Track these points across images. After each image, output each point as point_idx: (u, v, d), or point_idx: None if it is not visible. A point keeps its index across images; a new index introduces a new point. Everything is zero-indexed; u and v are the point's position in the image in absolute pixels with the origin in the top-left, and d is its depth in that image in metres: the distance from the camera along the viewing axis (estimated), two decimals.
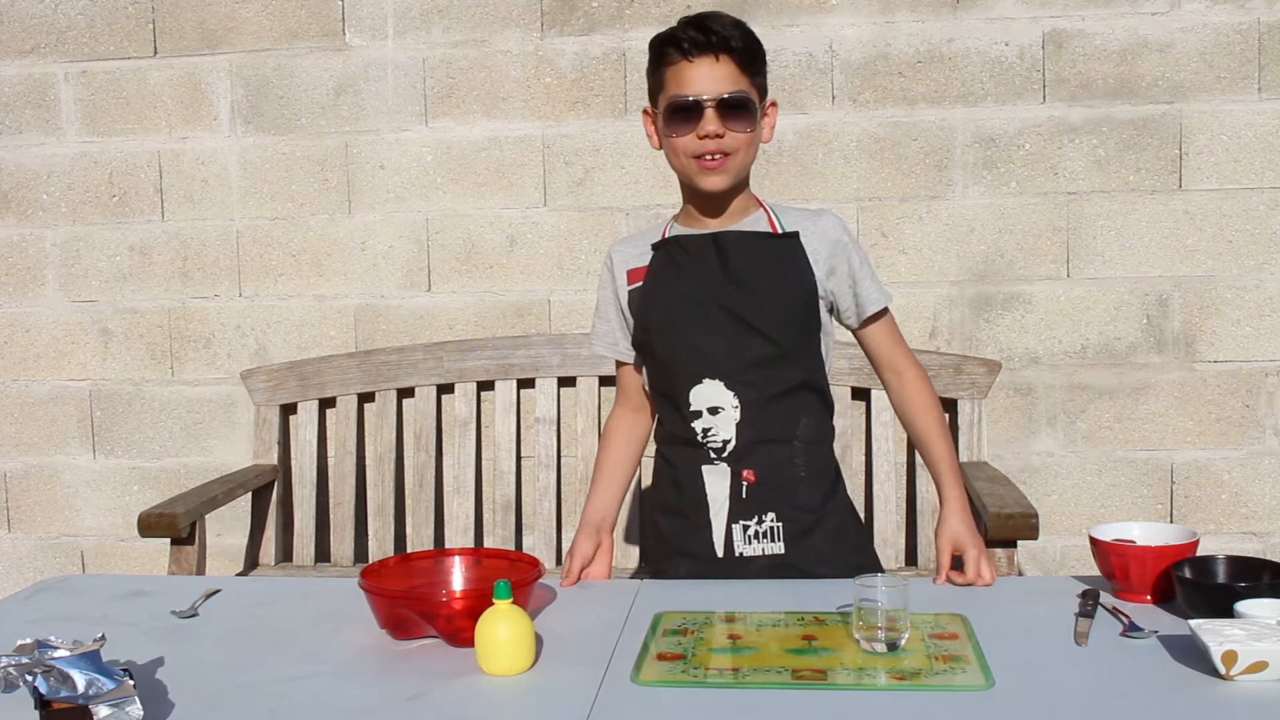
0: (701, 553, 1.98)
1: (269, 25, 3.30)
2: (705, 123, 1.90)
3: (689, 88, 1.91)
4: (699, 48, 1.91)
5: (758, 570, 1.96)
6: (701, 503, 1.98)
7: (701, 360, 1.97)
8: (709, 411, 1.96)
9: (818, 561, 1.97)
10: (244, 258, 3.37)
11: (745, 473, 1.96)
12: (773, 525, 1.96)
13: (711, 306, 1.96)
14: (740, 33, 1.95)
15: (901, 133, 3.15)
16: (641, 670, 1.50)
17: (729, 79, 1.92)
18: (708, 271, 1.98)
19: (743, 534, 1.96)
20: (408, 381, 3.25)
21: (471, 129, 3.27)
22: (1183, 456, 3.14)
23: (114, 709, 1.29)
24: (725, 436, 1.96)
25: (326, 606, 1.83)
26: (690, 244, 2.01)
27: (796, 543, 1.97)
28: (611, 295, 2.10)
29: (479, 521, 3.28)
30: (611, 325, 2.11)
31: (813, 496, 1.99)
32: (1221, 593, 1.61)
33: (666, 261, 2.02)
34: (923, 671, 1.47)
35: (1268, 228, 3.09)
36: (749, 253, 1.98)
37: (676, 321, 1.99)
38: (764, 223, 2.02)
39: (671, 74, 1.94)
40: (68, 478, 3.49)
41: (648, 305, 2.02)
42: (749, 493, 1.96)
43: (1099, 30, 3.08)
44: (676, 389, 1.99)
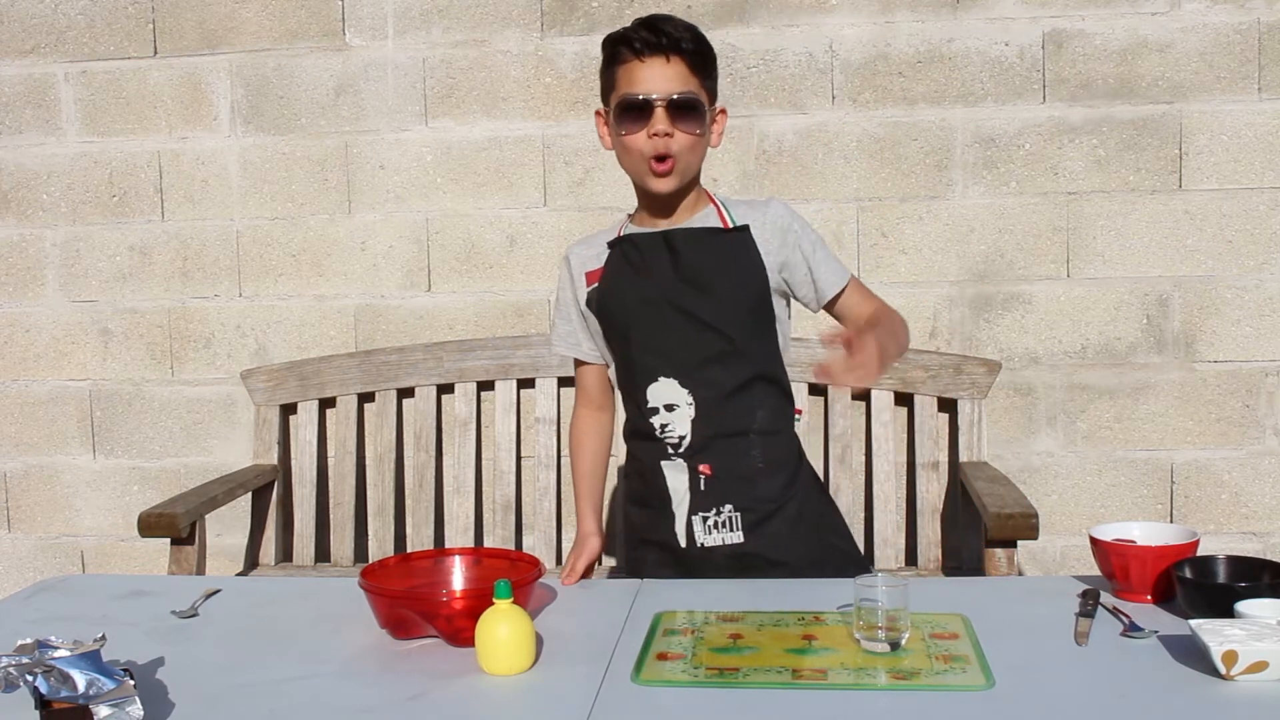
0: (667, 543, 2.03)
1: (269, 25, 3.30)
2: (655, 121, 1.93)
3: (640, 86, 1.94)
4: (650, 48, 1.94)
5: (720, 560, 1.99)
6: (664, 495, 2.02)
7: (656, 358, 2.00)
8: (665, 408, 2.00)
9: (778, 548, 2.00)
10: (244, 258, 3.37)
11: (701, 467, 1.99)
12: (730, 515, 1.99)
13: (665, 305, 1.99)
14: (692, 35, 1.97)
15: (901, 133, 3.15)
16: (641, 670, 1.50)
17: (679, 79, 1.94)
18: (661, 270, 2.00)
19: (702, 525, 2.00)
20: (408, 381, 3.25)
21: (471, 129, 3.27)
22: (1183, 456, 3.14)
23: (114, 709, 1.29)
24: (681, 433, 1.99)
25: (326, 606, 1.83)
26: (643, 243, 2.03)
27: (755, 531, 1.99)
28: (571, 296, 2.13)
29: (479, 521, 3.28)
30: (573, 326, 2.14)
31: (772, 486, 2.02)
32: (1222, 593, 1.61)
33: (621, 261, 2.05)
34: (923, 671, 1.47)
35: (1268, 228, 3.08)
36: (700, 249, 2.00)
37: (632, 321, 2.02)
38: (714, 218, 2.04)
39: (623, 73, 1.97)
40: (68, 478, 3.49)
41: (605, 305, 2.05)
42: (706, 485, 1.99)
43: (1099, 30, 3.08)
44: (634, 387, 2.03)
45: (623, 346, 2.05)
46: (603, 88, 2.04)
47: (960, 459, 3.07)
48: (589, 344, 2.14)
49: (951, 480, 3.14)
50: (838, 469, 3.09)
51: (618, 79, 1.98)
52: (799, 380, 3.03)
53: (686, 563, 2.00)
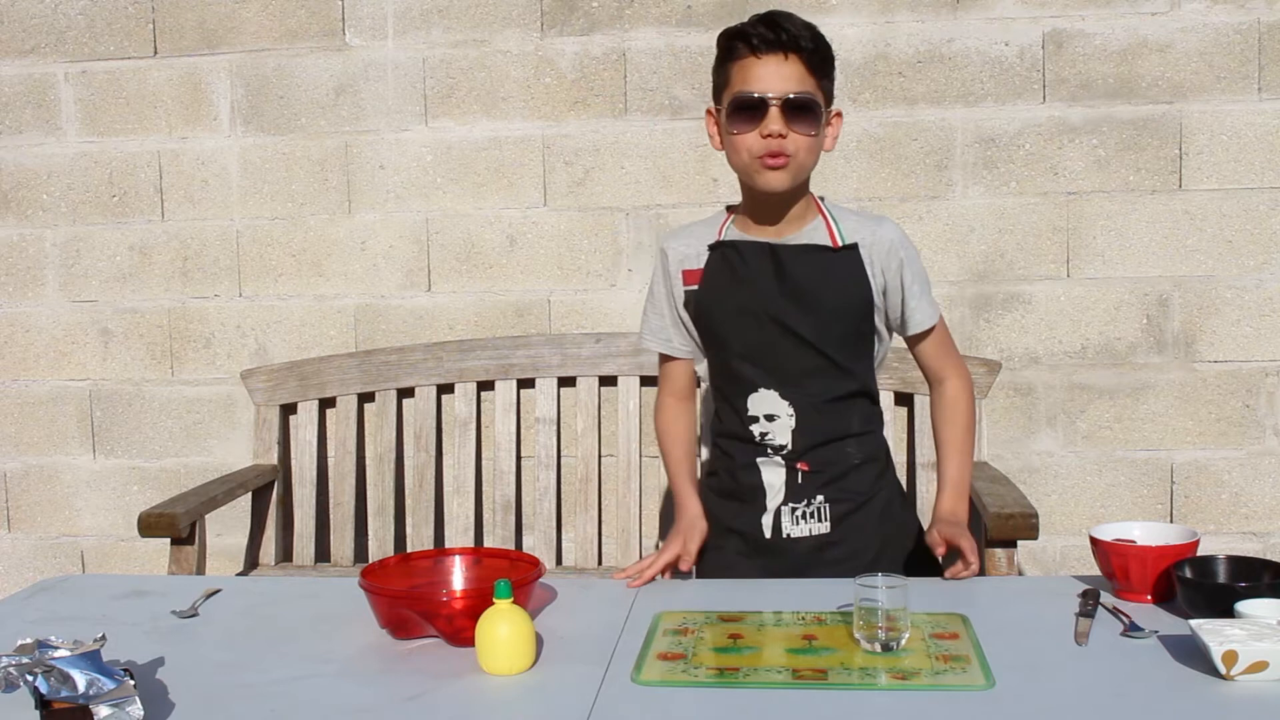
0: (749, 533, 2.02)
1: (269, 25, 3.30)
2: (769, 121, 1.88)
3: (755, 85, 1.89)
4: (768, 45, 1.90)
5: (804, 550, 2.00)
6: (757, 489, 2.02)
7: (756, 369, 1.99)
8: (765, 418, 2.00)
9: (860, 539, 2.00)
10: (244, 258, 3.37)
11: (799, 464, 2.00)
12: (820, 506, 2.00)
13: (765, 318, 1.97)
14: (811, 34, 1.93)
15: (901, 133, 3.15)
16: (641, 670, 1.50)
17: (796, 79, 1.90)
18: (763, 282, 1.97)
19: (790, 516, 2.00)
20: (408, 381, 3.25)
21: (471, 129, 3.27)
22: (1183, 456, 3.14)
23: (114, 709, 1.29)
24: (782, 441, 2.00)
25: (326, 606, 1.83)
26: (747, 251, 2.00)
27: (842, 522, 2.00)
28: (666, 292, 2.09)
29: (479, 521, 3.28)
30: (665, 321, 2.11)
31: (864, 479, 2.03)
32: (1222, 593, 1.61)
33: (722, 266, 2.01)
34: (923, 671, 1.47)
35: (1268, 228, 3.08)
36: (806, 267, 1.97)
37: (731, 330, 2.00)
38: (823, 231, 2.01)
39: (738, 70, 1.92)
40: (68, 478, 3.49)
41: (703, 311, 2.03)
42: (804, 479, 2.00)
43: (1099, 30, 3.08)
44: (733, 394, 2.02)
45: (720, 353, 2.03)
46: (715, 85, 1.99)
47: None
48: (680, 339, 2.11)
49: None
50: None
51: (732, 76, 1.93)
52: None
53: (768, 554, 2.01)
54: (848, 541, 2.00)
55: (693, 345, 2.12)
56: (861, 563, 1.95)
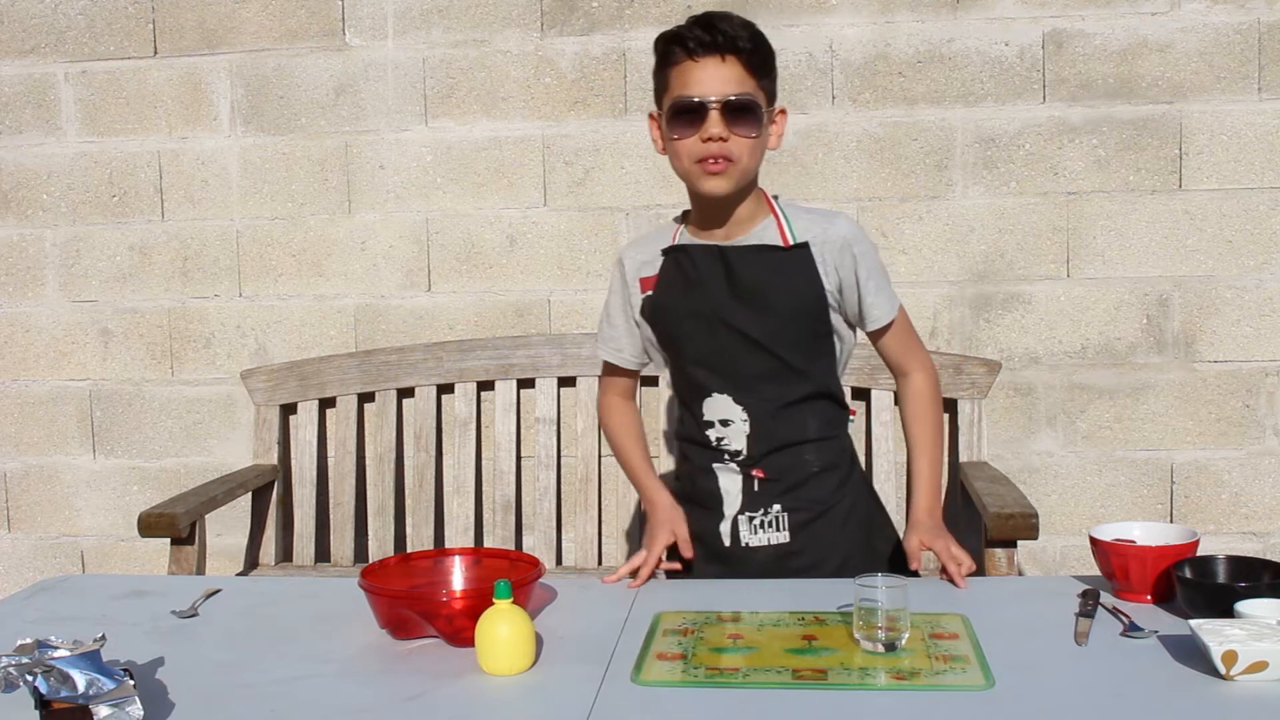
0: (710, 541, 2.01)
1: (269, 25, 3.30)
2: (709, 125, 1.85)
3: (694, 88, 1.86)
4: (705, 47, 1.86)
5: (763, 559, 1.98)
6: (715, 496, 2.01)
7: (709, 374, 1.98)
8: (720, 423, 1.98)
9: (821, 548, 1.99)
10: (244, 258, 3.37)
11: (755, 471, 1.98)
12: (778, 515, 1.98)
13: (716, 321, 1.95)
14: (749, 34, 1.90)
15: (901, 133, 3.15)
16: (641, 670, 1.50)
17: (735, 80, 1.87)
18: (714, 286, 1.95)
19: (748, 525, 1.98)
20: (408, 381, 3.25)
21: (471, 129, 3.27)
22: (1183, 456, 3.14)
23: (114, 709, 1.29)
24: (737, 446, 1.98)
25: (326, 606, 1.83)
26: (697, 255, 1.98)
27: (801, 531, 1.98)
28: (622, 302, 2.08)
29: (479, 521, 3.28)
30: (618, 331, 2.10)
31: (823, 488, 2.00)
32: (1221, 593, 1.61)
33: (675, 271, 2.00)
34: (923, 671, 1.47)
35: (1268, 228, 3.08)
36: (756, 267, 1.94)
37: (683, 334, 1.99)
38: (773, 230, 1.97)
39: (676, 74, 1.89)
40: (68, 478, 3.49)
41: (658, 316, 2.02)
42: (760, 487, 1.98)
43: (1099, 30, 3.08)
44: (690, 399, 2.02)
45: (675, 358, 2.02)
46: (655, 89, 1.96)
47: (960, 459, 3.07)
48: (631, 350, 2.09)
49: (951, 480, 3.14)
50: None
51: (671, 80, 1.90)
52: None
53: (728, 560, 1.99)
54: (808, 551, 1.98)
55: (644, 355, 2.10)
56: (825, 572, 1.95)
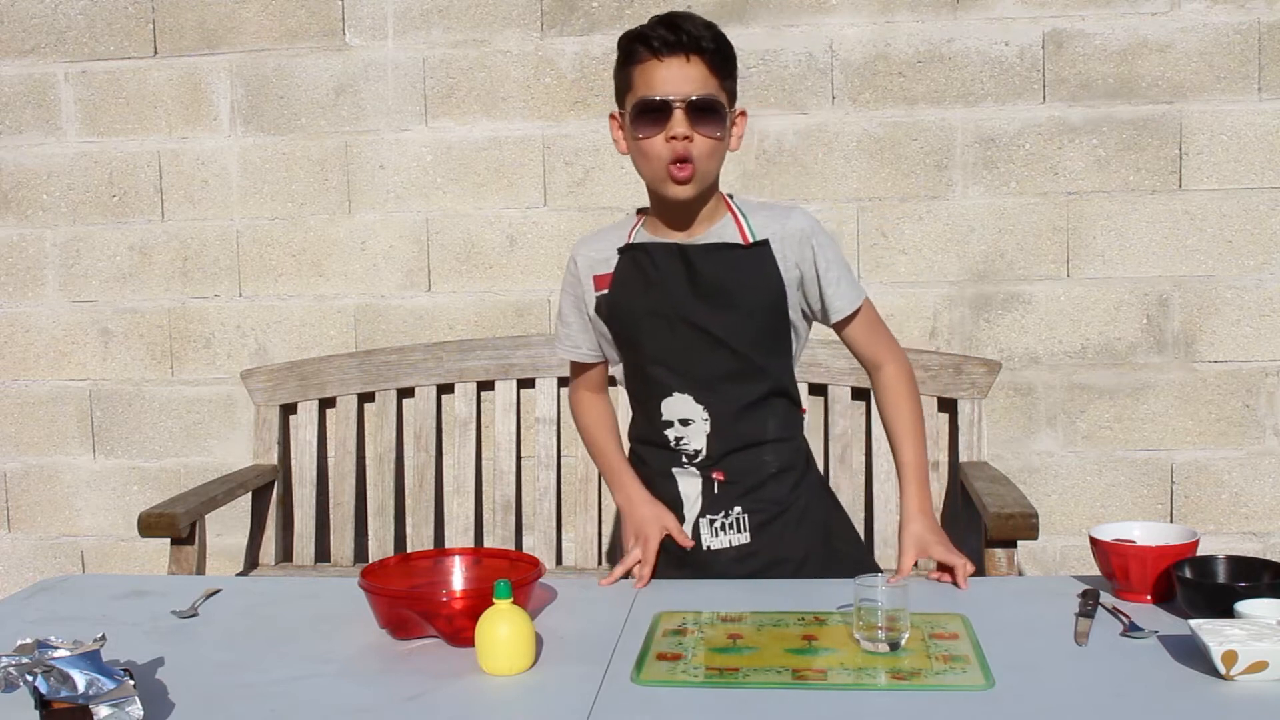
0: (671, 544, 1.99)
1: (269, 25, 3.30)
2: (674, 124, 1.85)
3: (658, 88, 1.86)
4: (670, 47, 1.86)
5: (725, 561, 1.98)
6: (674, 500, 2.00)
7: (670, 374, 1.97)
8: (680, 423, 1.97)
9: (782, 547, 1.98)
10: (244, 258, 3.37)
11: (715, 473, 1.97)
12: (739, 517, 1.98)
13: (677, 320, 1.94)
14: (712, 34, 1.90)
15: (901, 133, 3.15)
16: (641, 670, 1.50)
17: (699, 80, 1.87)
18: (674, 284, 1.95)
19: (709, 528, 1.98)
20: (408, 381, 3.25)
21: (471, 129, 3.27)
22: (1183, 456, 3.14)
23: (114, 709, 1.29)
24: (697, 447, 1.98)
25: (326, 606, 1.83)
26: (657, 253, 1.97)
27: (761, 532, 1.98)
28: (574, 299, 2.07)
29: (479, 521, 3.28)
30: (573, 329, 2.09)
31: (781, 489, 2.00)
32: (1221, 593, 1.61)
33: (632, 269, 1.99)
34: (923, 671, 1.47)
35: (1268, 228, 3.08)
36: (717, 266, 1.94)
37: (643, 333, 1.98)
38: (732, 229, 1.98)
39: (640, 73, 1.89)
40: (68, 478, 3.49)
41: (615, 315, 2.00)
42: (720, 489, 1.98)
43: (1099, 30, 3.08)
44: (647, 398, 2.00)
45: (634, 357, 2.01)
46: (617, 89, 1.96)
47: (960, 459, 3.07)
48: (588, 345, 2.09)
49: (951, 480, 3.14)
50: (838, 469, 3.09)
51: (634, 80, 1.90)
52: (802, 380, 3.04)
53: (690, 565, 1.98)
54: (767, 551, 1.98)
55: (600, 351, 2.09)
56: (785, 571, 1.95)
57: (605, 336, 2.06)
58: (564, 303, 2.10)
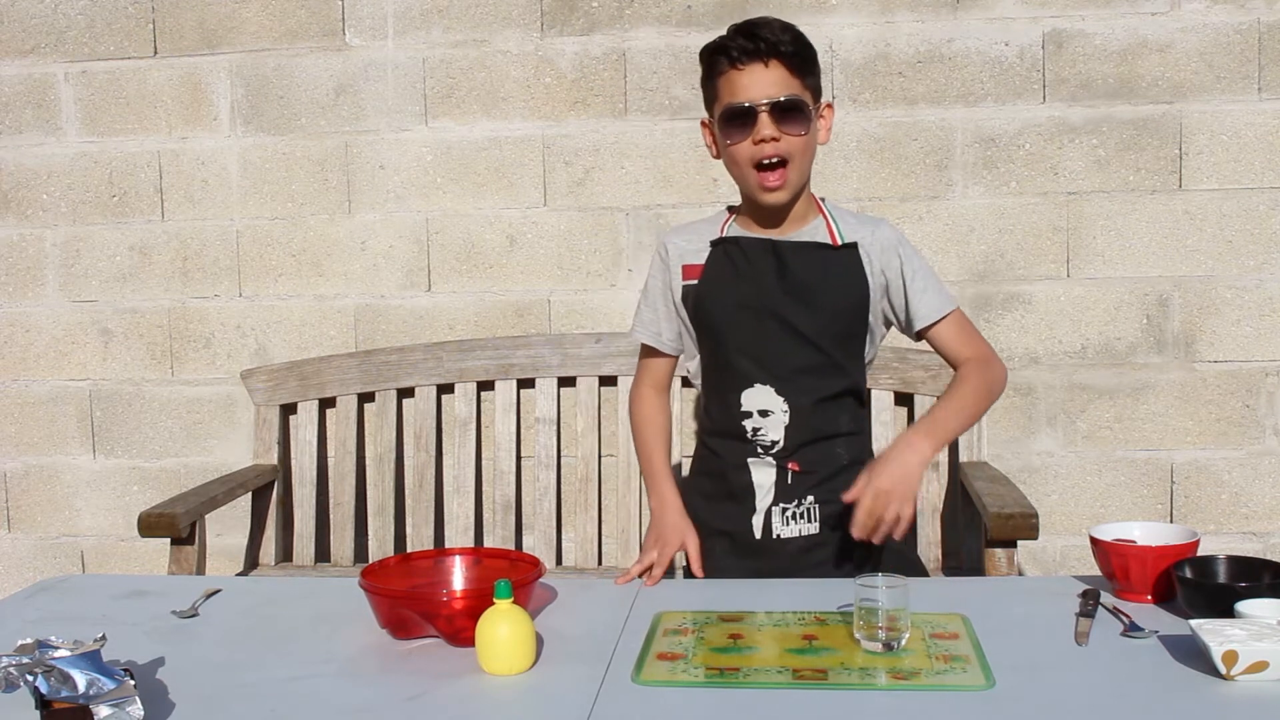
0: (740, 534, 2.02)
1: (269, 25, 3.30)
2: (760, 128, 1.92)
3: (741, 94, 1.92)
4: (748, 55, 1.92)
5: (793, 551, 2.00)
6: (748, 490, 2.02)
7: (752, 364, 2.00)
8: (759, 414, 2.00)
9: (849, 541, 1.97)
10: (244, 258, 3.37)
11: (790, 464, 2.00)
12: (810, 507, 2.00)
13: (764, 313, 1.98)
14: (790, 37, 1.95)
15: (901, 133, 3.15)
16: (642, 670, 1.50)
17: (780, 83, 1.93)
18: (764, 277, 1.99)
19: (781, 516, 2.00)
20: (408, 381, 3.25)
21: (471, 129, 3.27)
22: (1183, 456, 3.14)
23: (115, 709, 1.29)
24: (774, 438, 2.00)
25: (326, 606, 1.83)
26: (749, 248, 2.02)
27: (830, 523, 2.00)
28: (663, 285, 2.10)
29: (479, 521, 3.28)
30: (658, 315, 2.12)
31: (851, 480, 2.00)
32: (1222, 593, 1.61)
33: (724, 262, 2.03)
34: (923, 671, 1.47)
35: (1268, 228, 3.08)
36: (807, 263, 1.99)
37: (729, 325, 2.01)
38: (823, 230, 2.03)
39: (724, 83, 1.96)
40: (68, 478, 3.49)
41: (702, 305, 2.04)
42: (794, 479, 2.00)
43: (1099, 30, 3.08)
44: (727, 389, 2.03)
45: (716, 348, 2.04)
46: (705, 99, 2.03)
47: (960, 459, 3.07)
48: (669, 334, 2.12)
49: (951, 480, 3.14)
50: None
51: (719, 89, 1.97)
52: None
53: (757, 554, 2.01)
54: (834, 543, 2.00)
55: (680, 341, 2.12)
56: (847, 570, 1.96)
57: (686, 327, 2.09)
58: (652, 287, 2.12)
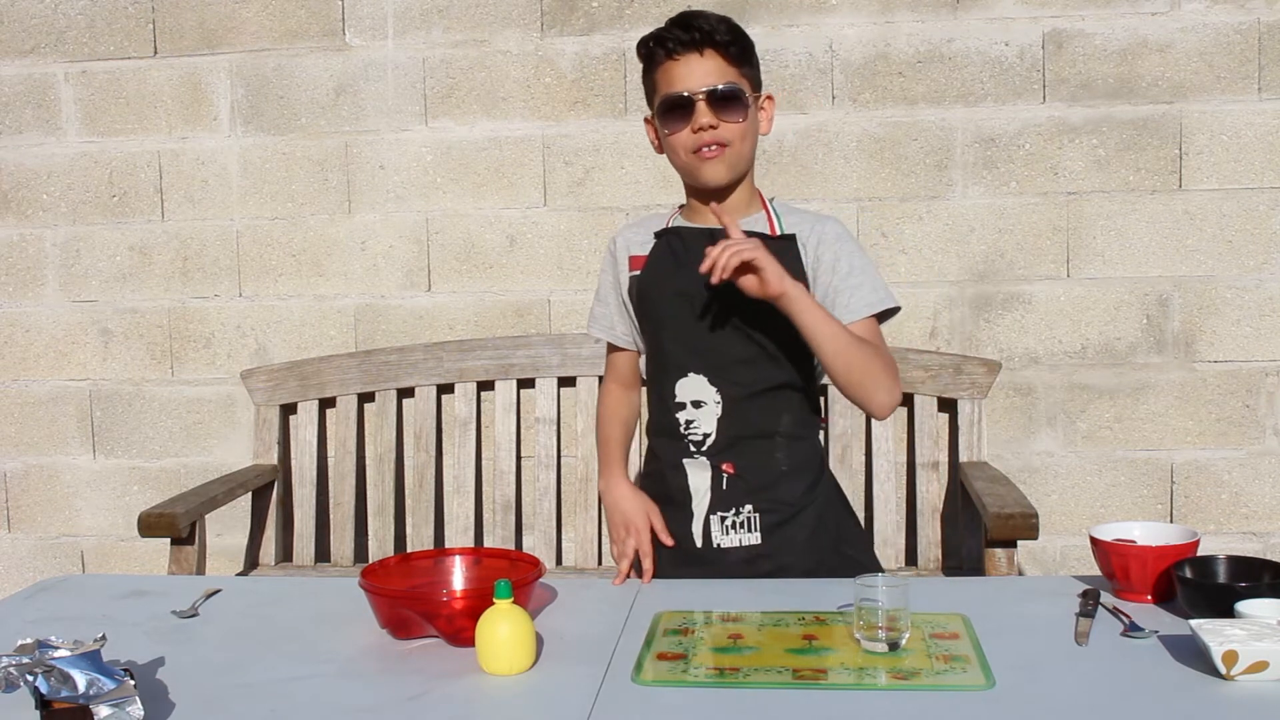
0: (681, 543, 2.01)
1: (269, 25, 3.30)
2: (698, 115, 1.92)
3: (678, 84, 1.93)
4: (683, 45, 1.93)
5: (734, 561, 1.98)
6: (684, 493, 2.01)
7: (688, 354, 1.99)
8: (692, 404, 1.99)
9: (794, 553, 1.98)
10: (244, 258, 3.37)
11: (724, 465, 1.98)
12: (750, 516, 1.98)
13: (701, 301, 1.97)
14: (725, 27, 1.96)
15: (901, 133, 3.15)
16: (642, 670, 1.50)
17: (717, 72, 1.93)
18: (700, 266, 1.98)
19: (720, 525, 1.98)
20: (408, 381, 3.25)
21: (471, 129, 3.27)
22: (1183, 456, 3.14)
23: (115, 709, 1.29)
24: (706, 430, 1.98)
25: (326, 606, 1.83)
26: (689, 237, 2.02)
27: (773, 534, 1.98)
28: (613, 280, 2.12)
29: (479, 521, 3.28)
30: (609, 309, 2.14)
31: (793, 489, 2.00)
32: (1222, 593, 1.61)
33: (665, 252, 2.04)
34: (923, 671, 1.47)
35: (1268, 228, 3.09)
36: None
37: (666, 313, 2.01)
38: (764, 223, 2.02)
39: (661, 74, 1.97)
40: (68, 478, 3.49)
41: (643, 295, 2.05)
42: (729, 484, 1.98)
43: (1099, 30, 3.08)
44: (663, 379, 2.02)
45: (655, 337, 2.04)
46: (646, 93, 2.04)
47: (960, 459, 3.07)
48: (623, 327, 2.13)
49: (951, 480, 3.14)
50: (838, 469, 3.09)
51: (657, 81, 1.98)
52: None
53: (699, 563, 1.99)
54: (778, 555, 1.97)
55: (634, 335, 2.13)
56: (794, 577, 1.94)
57: (634, 322, 2.10)
58: (603, 283, 2.15)
